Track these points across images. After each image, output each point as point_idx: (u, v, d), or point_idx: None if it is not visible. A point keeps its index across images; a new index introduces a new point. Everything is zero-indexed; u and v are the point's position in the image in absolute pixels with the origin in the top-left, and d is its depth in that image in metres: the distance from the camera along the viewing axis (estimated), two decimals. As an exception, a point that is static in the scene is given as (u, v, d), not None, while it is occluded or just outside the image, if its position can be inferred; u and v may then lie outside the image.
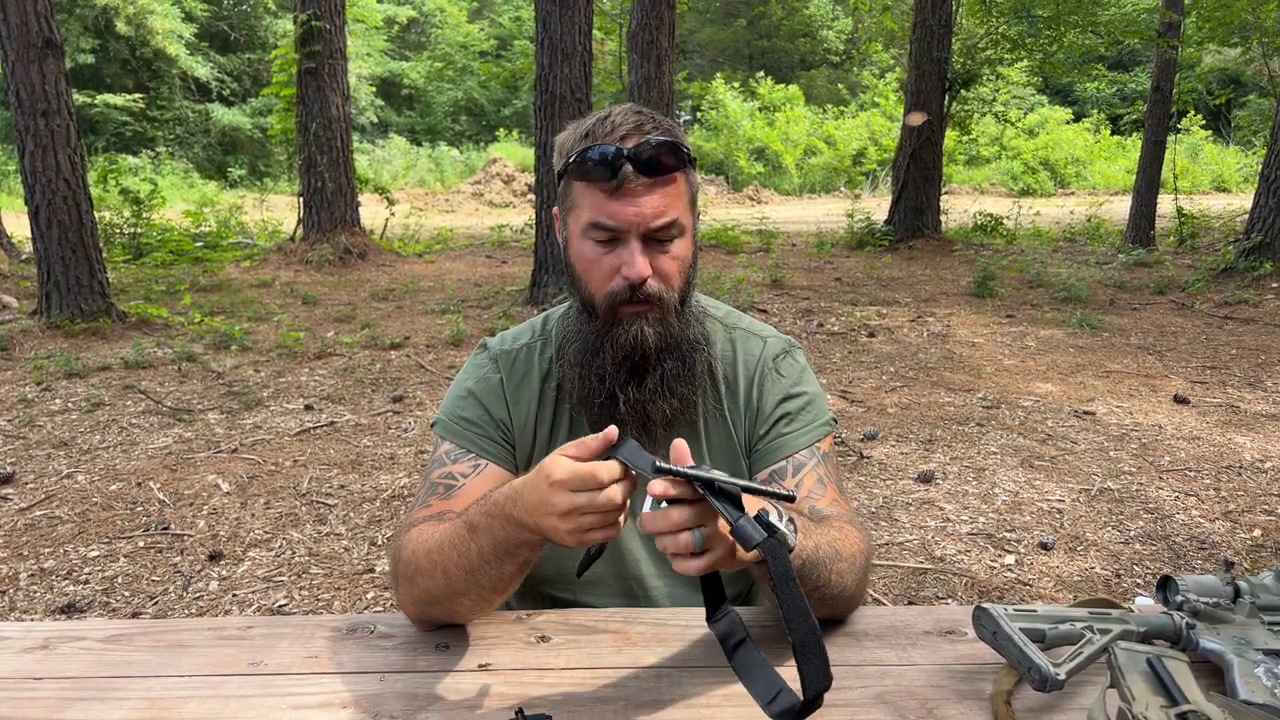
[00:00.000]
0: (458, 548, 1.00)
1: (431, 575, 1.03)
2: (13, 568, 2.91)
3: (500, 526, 0.95)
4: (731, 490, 0.82)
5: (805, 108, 25.93)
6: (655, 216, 1.08)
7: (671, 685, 0.98)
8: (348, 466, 3.80)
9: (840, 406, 4.63)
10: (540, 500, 0.89)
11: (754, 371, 1.25)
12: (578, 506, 0.86)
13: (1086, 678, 0.97)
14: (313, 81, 9.75)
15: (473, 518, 0.99)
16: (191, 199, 14.45)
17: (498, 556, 0.97)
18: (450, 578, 1.01)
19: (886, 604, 2.64)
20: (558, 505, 0.87)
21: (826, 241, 11.51)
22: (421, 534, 1.07)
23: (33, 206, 6.13)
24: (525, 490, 0.92)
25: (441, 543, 1.02)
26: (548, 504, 0.88)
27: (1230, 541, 3.05)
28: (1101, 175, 24.14)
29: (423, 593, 1.05)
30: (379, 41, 26.71)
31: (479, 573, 0.99)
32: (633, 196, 1.07)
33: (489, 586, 1.01)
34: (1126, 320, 6.84)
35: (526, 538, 0.94)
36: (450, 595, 1.03)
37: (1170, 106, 11.37)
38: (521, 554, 0.97)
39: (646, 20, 7.62)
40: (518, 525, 0.93)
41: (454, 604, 1.04)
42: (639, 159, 1.05)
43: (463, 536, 0.99)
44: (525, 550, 0.97)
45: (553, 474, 0.87)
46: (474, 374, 1.26)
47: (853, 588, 1.06)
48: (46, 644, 1.08)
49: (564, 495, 0.86)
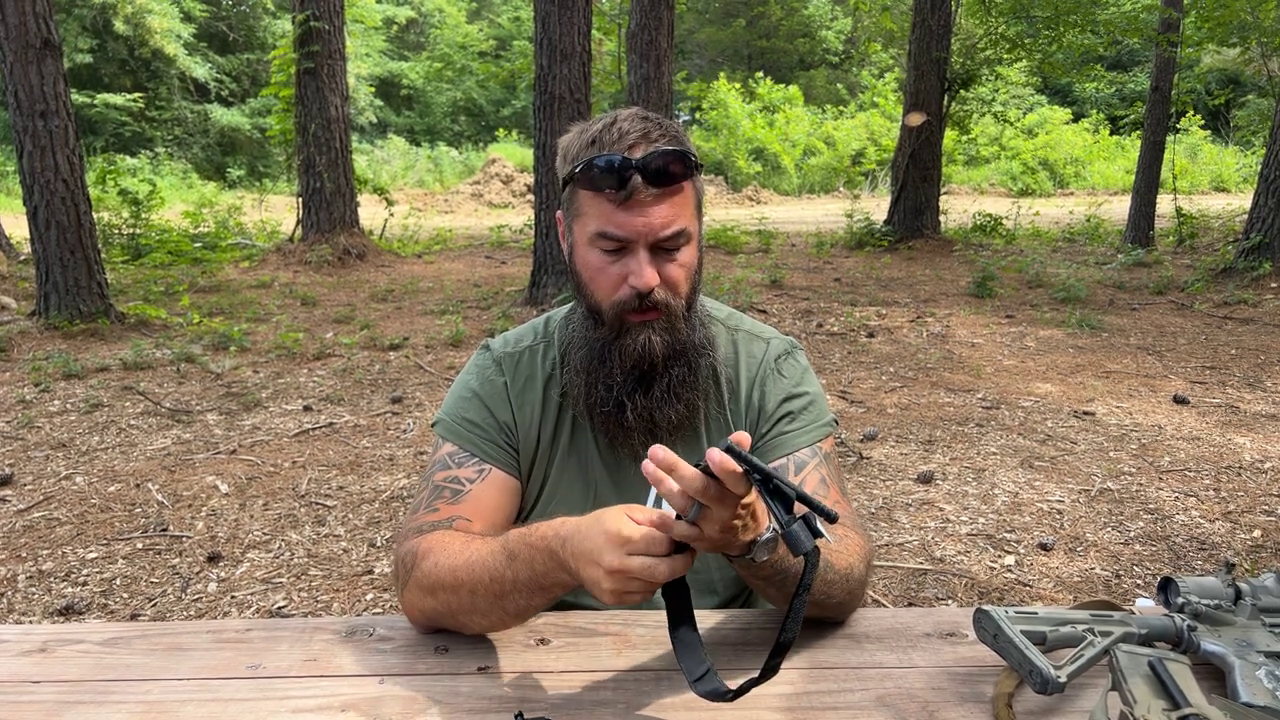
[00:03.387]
0: (491, 571, 0.99)
1: (456, 592, 1.02)
2: (11, 569, 2.90)
3: (542, 561, 0.95)
4: (786, 493, 0.80)
5: (804, 108, 25.94)
6: (664, 227, 1.07)
7: (671, 688, 0.97)
8: (347, 468, 3.79)
9: (840, 407, 4.63)
10: (594, 550, 0.88)
11: (756, 373, 1.25)
12: (629, 569, 0.85)
13: (1088, 680, 0.97)
14: (311, 82, 9.75)
15: (513, 546, 0.98)
16: (190, 200, 14.44)
17: (530, 589, 0.97)
18: (476, 598, 1.00)
19: (887, 605, 2.64)
20: (609, 562, 0.86)
21: (826, 242, 11.51)
22: (446, 547, 1.06)
23: (31, 207, 6.13)
24: (578, 536, 0.91)
25: (472, 562, 1.01)
26: (600, 557, 0.87)
27: (1230, 542, 3.05)
28: (1101, 175, 24.16)
29: (441, 605, 1.04)
30: (378, 42, 26.72)
31: (507, 599, 0.99)
32: (641, 207, 1.06)
33: (512, 613, 1.01)
34: (1126, 320, 6.84)
35: (564, 579, 0.94)
36: (470, 613, 1.03)
37: (1169, 106, 11.37)
38: (555, 591, 0.97)
39: (645, 20, 7.62)
40: (560, 566, 0.93)
41: (470, 620, 1.04)
42: (647, 169, 1.04)
43: (499, 562, 0.98)
44: (559, 589, 0.97)
45: (620, 530, 0.86)
46: (478, 375, 1.24)
47: (840, 597, 1.05)
48: (44, 647, 1.08)
49: (618, 554, 0.86)
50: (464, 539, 1.07)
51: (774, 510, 0.80)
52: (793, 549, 0.79)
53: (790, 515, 0.80)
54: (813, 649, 1.06)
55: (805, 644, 1.07)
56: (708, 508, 0.83)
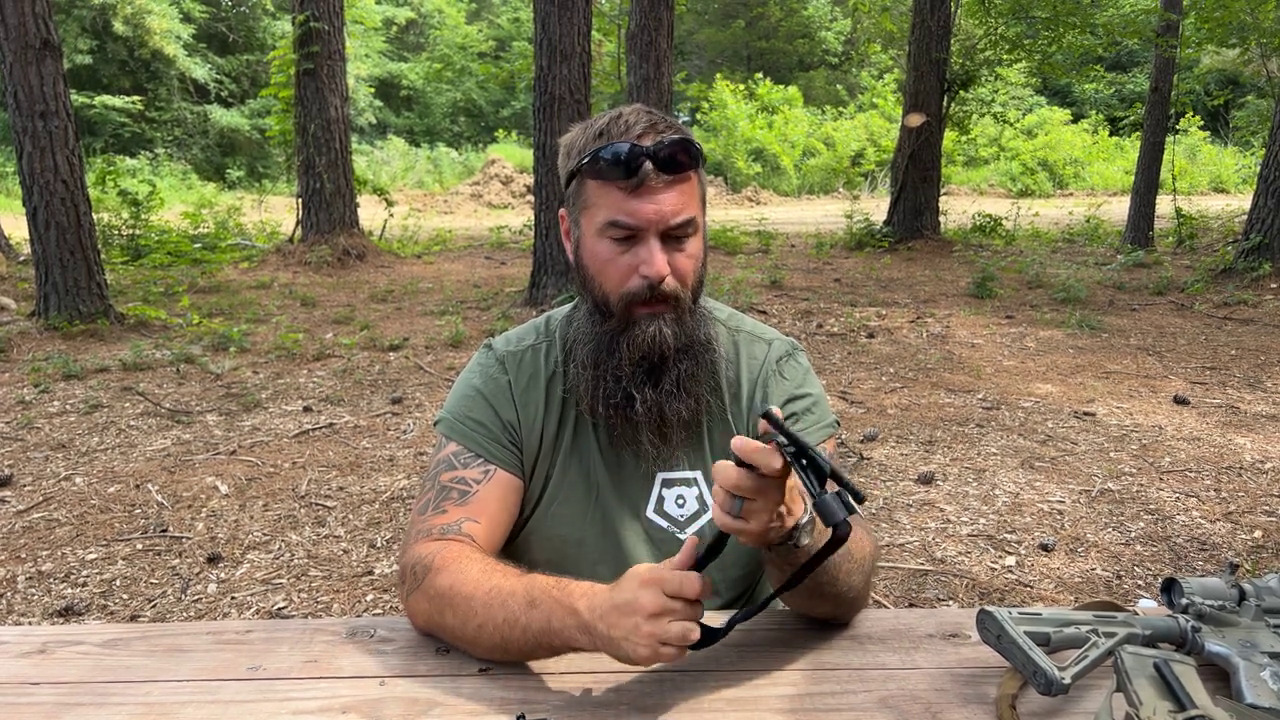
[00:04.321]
0: (507, 612, 0.98)
1: (466, 621, 1.01)
2: (10, 570, 2.90)
3: (560, 617, 0.94)
4: (821, 467, 0.80)
5: (804, 109, 25.97)
6: (674, 214, 1.07)
7: (674, 689, 0.97)
8: (346, 468, 3.79)
9: (840, 408, 4.62)
10: (630, 600, 0.88)
11: (757, 375, 1.24)
12: (669, 609, 0.86)
13: (1091, 681, 0.96)
14: (311, 83, 9.74)
15: (536, 594, 0.97)
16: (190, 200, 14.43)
17: (538, 641, 0.96)
18: (484, 631, 0.99)
19: (888, 606, 2.63)
20: (646, 605, 0.87)
21: (825, 242, 11.51)
22: (464, 570, 1.04)
23: (31, 208, 6.12)
24: (608, 593, 0.91)
25: (490, 600, 0.99)
26: (638, 601, 0.87)
27: (1231, 543, 3.04)
28: (1100, 176, 24.18)
29: (446, 625, 1.03)
30: (377, 42, 26.72)
31: (512, 641, 0.98)
32: (652, 194, 1.06)
33: (513, 652, 1.00)
34: (1126, 321, 6.84)
35: (577, 639, 0.93)
36: (471, 643, 1.02)
37: (1169, 107, 11.38)
38: (559, 650, 0.97)
39: (645, 21, 7.62)
40: (579, 626, 0.92)
41: (467, 646, 1.03)
42: (658, 156, 1.04)
43: (519, 605, 0.97)
44: (564, 649, 0.97)
45: (654, 573, 0.88)
46: (481, 374, 1.23)
47: (859, 588, 1.06)
48: (44, 648, 1.07)
49: (656, 595, 0.87)
50: (482, 565, 1.05)
51: (806, 481, 0.81)
52: (825, 519, 0.79)
53: (823, 489, 0.81)
54: (816, 650, 1.05)
55: (808, 645, 1.06)
56: (752, 500, 0.85)
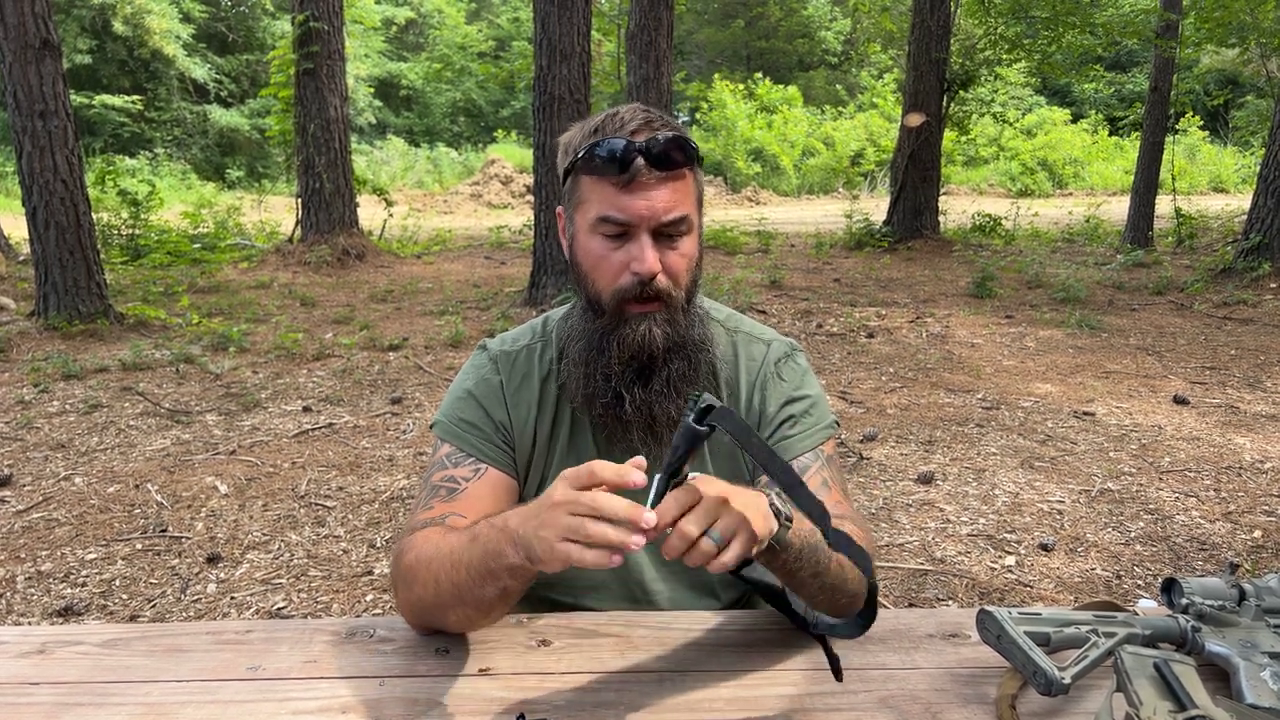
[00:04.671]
0: (454, 556, 0.98)
1: (425, 584, 1.01)
2: (10, 570, 2.89)
3: (494, 538, 0.92)
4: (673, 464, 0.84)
5: (803, 109, 25.95)
6: (666, 211, 1.07)
7: (674, 689, 0.97)
8: (346, 468, 3.79)
9: (840, 407, 4.62)
10: (539, 502, 0.87)
11: (756, 376, 1.24)
12: (576, 501, 0.82)
13: (1091, 681, 0.96)
14: (311, 82, 9.74)
15: (478, 529, 0.97)
16: (189, 200, 14.43)
17: (481, 573, 0.94)
18: (441, 587, 0.99)
19: (888, 606, 2.63)
20: (554, 495, 0.84)
21: (825, 242, 11.51)
22: (426, 540, 1.06)
23: (30, 208, 6.12)
24: (530, 505, 0.90)
25: (440, 551, 1.00)
26: (546, 498, 0.85)
27: (1231, 543, 3.05)
28: (1100, 176, 24.17)
29: (416, 599, 1.04)
30: (377, 42, 26.71)
31: (463, 586, 0.97)
32: (644, 190, 1.06)
33: (473, 605, 0.99)
34: (1125, 321, 6.84)
35: (507, 553, 0.90)
36: (438, 607, 1.02)
37: (1168, 107, 11.37)
38: (501, 577, 0.93)
39: (645, 21, 7.62)
40: (509, 538, 0.89)
41: (443, 616, 1.03)
42: (650, 152, 1.05)
43: (463, 544, 0.97)
44: (505, 575, 0.92)
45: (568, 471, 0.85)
46: (473, 375, 1.25)
47: (854, 582, 1.05)
48: (43, 649, 1.07)
49: (563, 486, 0.84)
50: (443, 531, 1.06)
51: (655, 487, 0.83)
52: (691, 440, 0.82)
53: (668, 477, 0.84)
54: (816, 650, 1.05)
55: (808, 645, 1.06)
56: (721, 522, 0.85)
